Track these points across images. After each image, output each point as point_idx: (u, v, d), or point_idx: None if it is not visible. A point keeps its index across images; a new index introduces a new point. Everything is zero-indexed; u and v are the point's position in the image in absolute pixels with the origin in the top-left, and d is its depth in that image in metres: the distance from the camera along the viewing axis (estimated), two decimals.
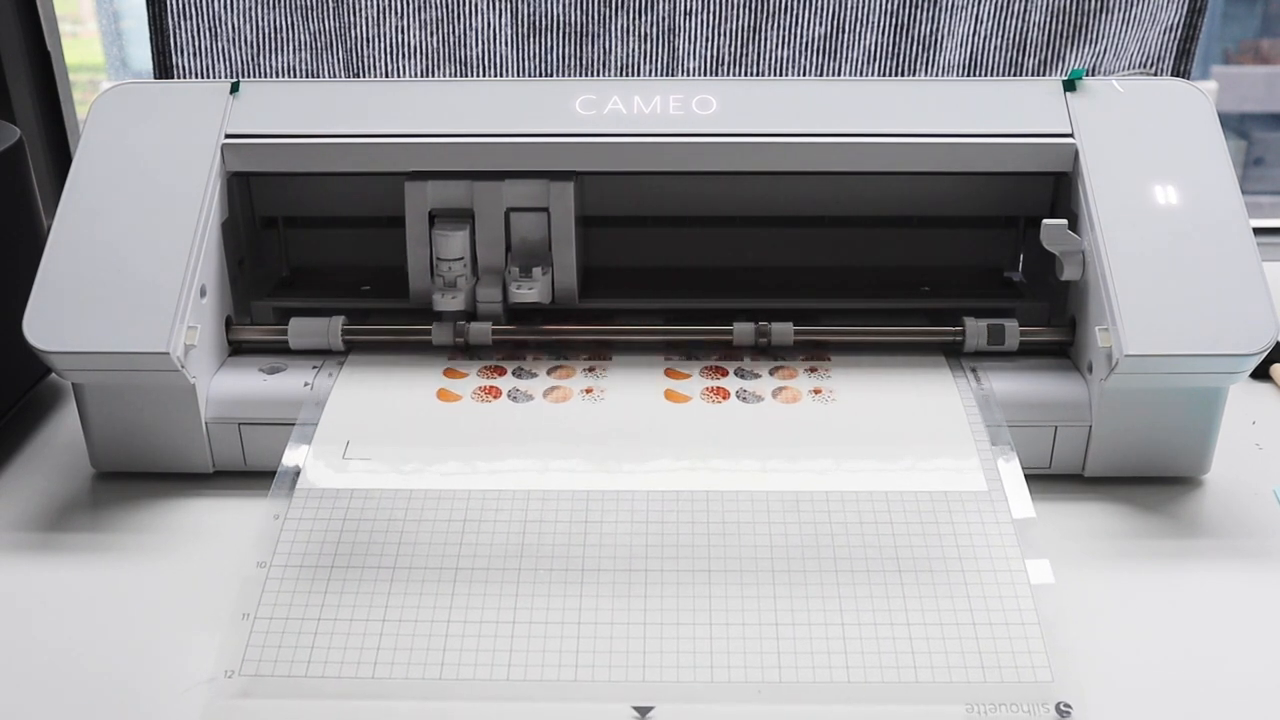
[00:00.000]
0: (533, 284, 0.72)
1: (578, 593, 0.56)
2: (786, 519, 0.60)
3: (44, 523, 0.67)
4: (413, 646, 0.54)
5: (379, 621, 0.55)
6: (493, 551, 0.58)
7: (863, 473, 0.63)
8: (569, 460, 0.64)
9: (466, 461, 0.64)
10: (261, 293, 0.78)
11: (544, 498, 0.61)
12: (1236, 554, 0.64)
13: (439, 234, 0.72)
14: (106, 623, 0.58)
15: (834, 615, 0.55)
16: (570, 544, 0.59)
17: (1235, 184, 0.68)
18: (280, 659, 0.54)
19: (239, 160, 0.72)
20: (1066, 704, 0.52)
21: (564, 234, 0.73)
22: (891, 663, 0.53)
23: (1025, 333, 0.72)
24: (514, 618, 0.55)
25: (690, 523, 0.60)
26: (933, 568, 0.57)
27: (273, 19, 1.00)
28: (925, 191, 0.78)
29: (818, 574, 0.57)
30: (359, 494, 0.61)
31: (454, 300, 0.72)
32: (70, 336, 0.65)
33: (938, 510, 0.60)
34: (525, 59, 1.02)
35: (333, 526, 0.60)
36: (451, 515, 0.60)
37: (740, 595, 0.56)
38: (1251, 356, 0.63)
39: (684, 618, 0.55)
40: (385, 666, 0.53)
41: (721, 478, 0.62)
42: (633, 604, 0.56)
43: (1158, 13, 0.99)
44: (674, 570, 0.57)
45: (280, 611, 0.55)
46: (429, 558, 0.58)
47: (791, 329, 0.72)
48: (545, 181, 0.72)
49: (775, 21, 1.00)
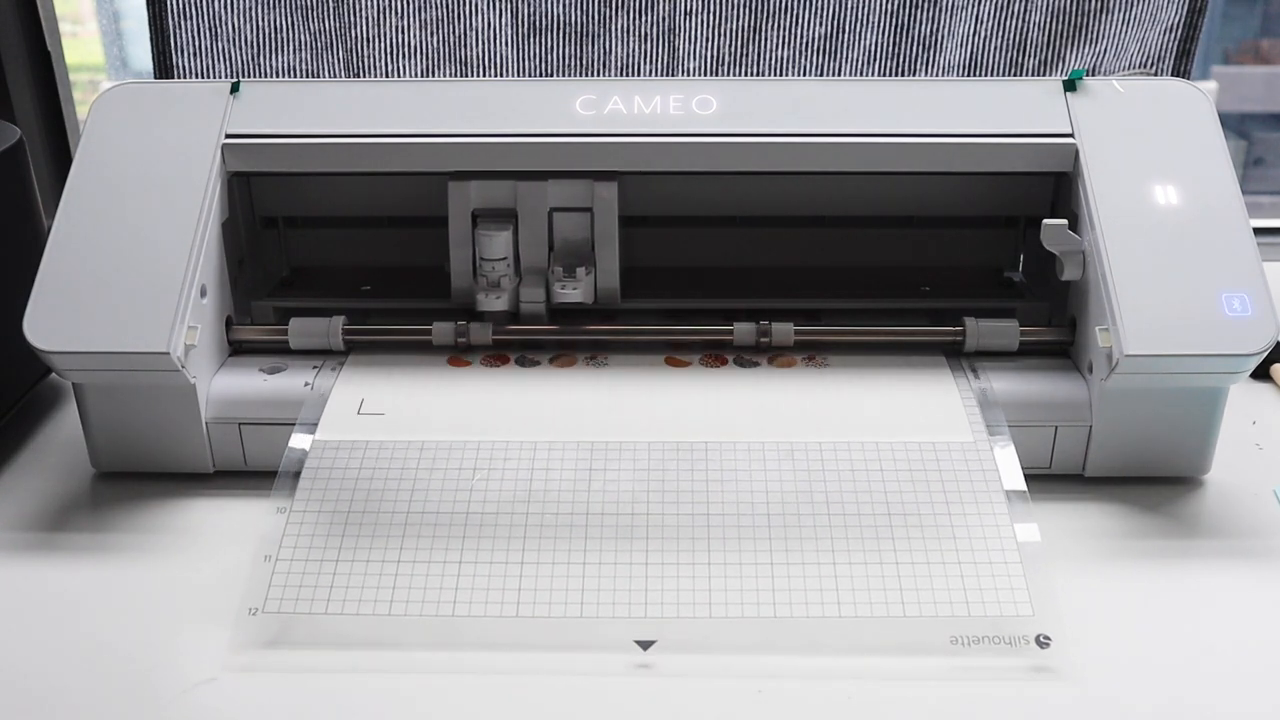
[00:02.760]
0: (576, 284, 0.73)
1: (583, 535, 0.60)
2: (782, 467, 0.63)
3: (44, 523, 0.67)
4: (426, 586, 0.57)
5: (394, 563, 0.58)
6: (501, 498, 0.61)
7: (855, 426, 0.66)
8: (574, 414, 0.67)
9: (476, 416, 0.67)
10: (261, 293, 0.78)
11: (550, 448, 0.64)
12: (1236, 554, 0.64)
13: (483, 234, 0.72)
14: (106, 623, 0.58)
15: (826, 556, 0.58)
16: (575, 490, 0.62)
17: (1235, 184, 0.68)
18: (301, 598, 0.57)
19: (239, 160, 0.72)
20: (1046, 636, 0.55)
21: (607, 234, 0.74)
22: (880, 599, 0.56)
23: (1025, 333, 0.72)
24: (522, 559, 0.58)
25: (690, 471, 0.63)
26: (920, 512, 0.61)
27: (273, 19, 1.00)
28: (925, 191, 0.78)
29: (811, 518, 0.60)
30: (373, 445, 0.64)
31: (498, 300, 0.72)
32: (70, 336, 0.65)
33: (926, 459, 0.63)
34: (525, 59, 1.02)
35: (349, 475, 0.63)
36: (462, 464, 0.63)
37: (738, 538, 0.59)
38: (1251, 356, 0.64)
39: (684, 559, 0.58)
40: (400, 604, 0.56)
41: (720, 429, 0.65)
42: (635, 546, 0.59)
43: (1158, 13, 0.99)
44: (674, 515, 0.61)
45: (300, 554, 0.59)
46: (441, 503, 0.61)
47: (792, 329, 0.72)
48: (589, 181, 0.73)
49: (775, 21, 1.00)
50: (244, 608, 0.56)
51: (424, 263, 0.81)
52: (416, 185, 0.78)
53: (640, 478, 0.63)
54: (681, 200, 0.78)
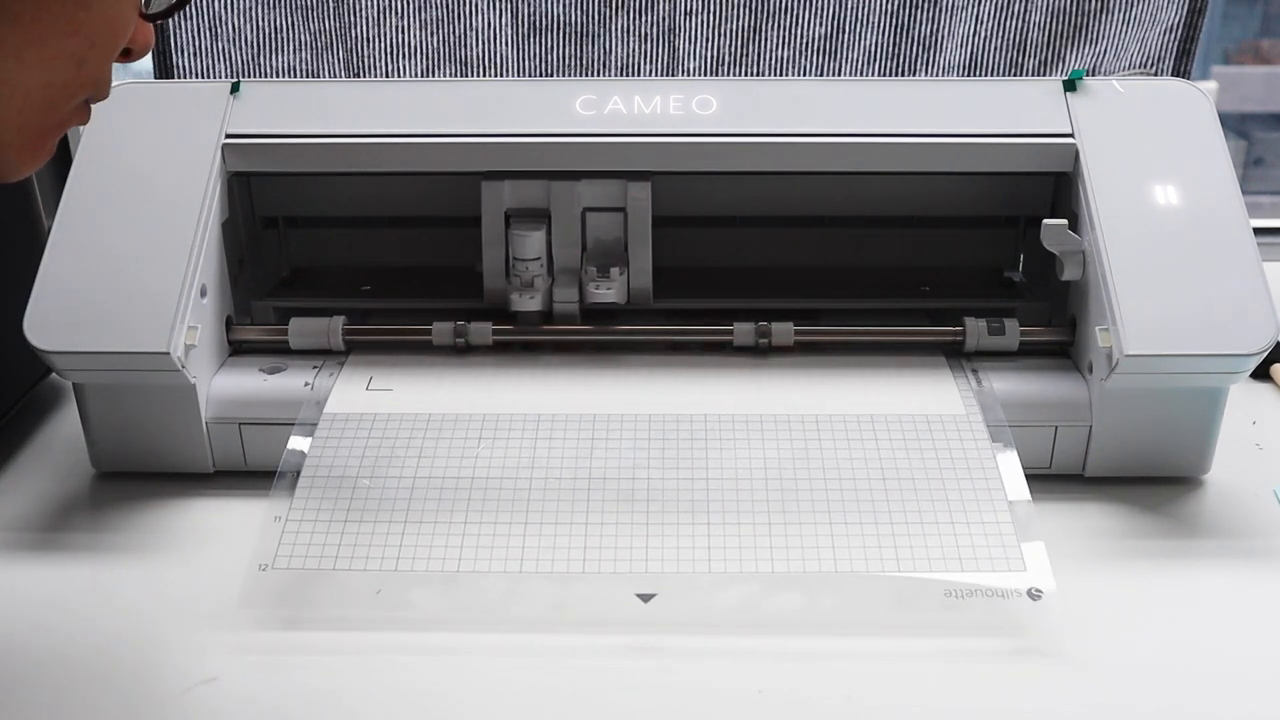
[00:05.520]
0: (611, 284, 0.73)
1: (585, 498, 0.62)
2: (779, 436, 0.65)
3: (44, 523, 0.67)
4: (432, 544, 0.59)
5: (400, 524, 0.60)
6: (505, 464, 0.63)
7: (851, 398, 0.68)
8: (576, 388, 0.69)
9: (480, 391, 0.69)
10: (261, 293, 0.78)
11: (553, 420, 0.66)
12: (1236, 554, 0.64)
13: (516, 234, 0.72)
14: (106, 623, 0.58)
15: (822, 516, 0.60)
16: (578, 457, 0.64)
17: (1235, 184, 0.68)
18: (310, 555, 0.58)
19: (239, 160, 0.72)
20: (1037, 589, 0.56)
21: (641, 234, 0.73)
22: (875, 556, 0.58)
23: (1025, 333, 0.72)
24: (526, 519, 0.60)
25: (689, 439, 0.65)
26: (914, 476, 0.62)
27: (273, 19, 1.00)
28: (925, 191, 0.78)
29: (807, 480, 0.62)
30: (381, 417, 0.66)
31: (532, 300, 0.73)
32: (70, 336, 0.65)
33: (919, 430, 0.65)
34: (525, 59, 1.02)
35: (357, 444, 0.65)
36: (468, 434, 0.65)
37: (735, 499, 0.61)
38: (1251, 356, 0.63)
39: (683, 518, 0.60)
40: (407, 561, 0.58)
41: (718, 401, 0.67)
42: (635, 506, 0.61)
43: (1158, 13, 0.99)
44: (674, 478, 0.63)
45: (309, 515, 0.60)
46: (447, 468, 0.63)
47: (792, 329, 0.72)
48: (623, 182, 0.73)
49: (775, 22, 1.00)
50: (254, 564, 0.58)
51: (424, 263, 0.82)
52: (416, 185, 0.78)
53: (641, 446, 0.64)
54: (681, 200, 0.78)
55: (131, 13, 0.46)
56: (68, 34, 0.43)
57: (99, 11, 0.44)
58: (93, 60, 0.45)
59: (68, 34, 0.43)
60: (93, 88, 0.47)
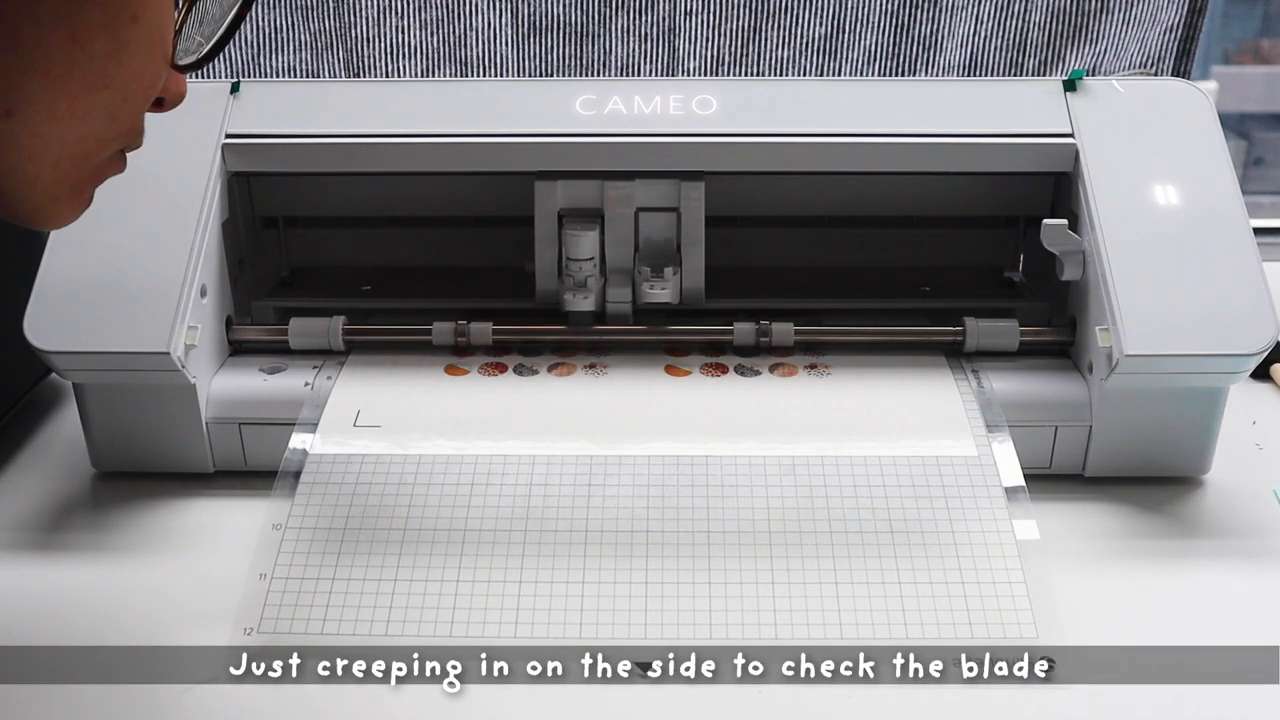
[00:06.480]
0: (665, 284, 0.72)
1: (581, 554, 0.59)
2: (783, 482, 0.62)
3: (44, 523, 0.67)
4: (423, 606, 0.56)
5: (390, 582, 0.57)
6: (499, 514, 0.60)
7: (857, 439, 0.64)
8: (573, 427, 0.66)
9: (473, 428, 0.66)
10: (261, 293, 0.78)
11: (549, 463, 0.63)
12: (1236, 554, 0.64)
13: (570, 234, 0.72)
14: (106, 623, 0.58)
15: (828, 575, 0.57)
16: (574, 507, 0.61)
17: (1235, 184, 0.68)
18: (296, 617, 0.56)
19: (239, 160, 0.72)
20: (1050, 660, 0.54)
21: (694, 234, 0.73)
22: (883, 620, 0.55)
23: (1025, 333, 0.72)
24: (520, 578, 0.57)
25: (690, 486, 0.62)
26: (924, 529, 0.59)
27: (273, 19, 1.00)
28: (925, 191, 0.78)
29: (813, 535, 0.59)
30: (369, 459, 0.64)
31: (585, 300, 0.72)
32: (70, 336, 0.65)
33: (929, 474, 0.62)
34: (525, 59, 1.02)
35: (345, 490, 0.62)
36: (460, 479, 0.62)
37: (738, 556, 0.58)
38: (1251, 356, 0.63)
39: (684, 578, 0.57)
40: (397, 625, 0.56)
41: (720, 444, 0.64)
42: (634, 564, 0.58)
43: (1158, 13, 0.99)
44: (674, 532, 0.60)
45: (296, 572, 0.58)
46: (438, 520, 0.60)
47: (792, 329, 0.72)
48: (676, 182, 0.72)
49: (775, 22, 1.00)
50: (239, 627, 0.56)
51: (424, 263, 0.82)
52: (416, 185, 0.78)
53: (640, 493, 0.61)
54: None
55: (162, 64, 0.45)
56: (99, 88, 0.43)
57: (129, 64, 0.43)
58: (125, 112, 0.45)
59: (99, 88, 0.43)
60: (126, 138, 0.47)
